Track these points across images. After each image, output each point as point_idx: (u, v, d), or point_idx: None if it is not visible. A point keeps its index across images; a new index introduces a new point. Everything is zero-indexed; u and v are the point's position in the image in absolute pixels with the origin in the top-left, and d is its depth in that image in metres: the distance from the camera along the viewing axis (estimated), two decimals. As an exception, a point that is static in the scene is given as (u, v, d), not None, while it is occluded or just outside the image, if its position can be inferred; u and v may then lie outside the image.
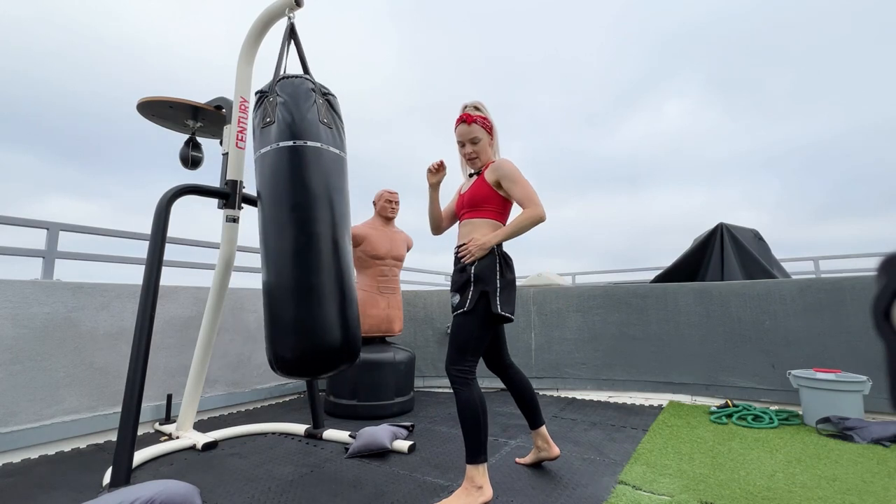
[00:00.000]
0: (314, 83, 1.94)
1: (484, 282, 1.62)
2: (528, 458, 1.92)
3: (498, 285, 1.63)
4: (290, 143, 1.80)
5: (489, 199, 1.74)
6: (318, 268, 1.77)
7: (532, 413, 1.85)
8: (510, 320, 1.67)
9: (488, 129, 1.79)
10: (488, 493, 1.53)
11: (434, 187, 1.88)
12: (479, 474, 1.53)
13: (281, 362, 1.75)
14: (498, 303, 1.61)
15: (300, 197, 1.79)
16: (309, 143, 1.82)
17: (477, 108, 1.80)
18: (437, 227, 1.96)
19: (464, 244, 1.71)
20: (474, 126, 1.77)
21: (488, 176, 1.75)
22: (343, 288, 1.82)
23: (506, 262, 1.69)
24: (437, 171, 1.86)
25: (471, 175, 1.88)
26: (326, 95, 1.98)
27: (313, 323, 1.73)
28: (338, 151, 1.93)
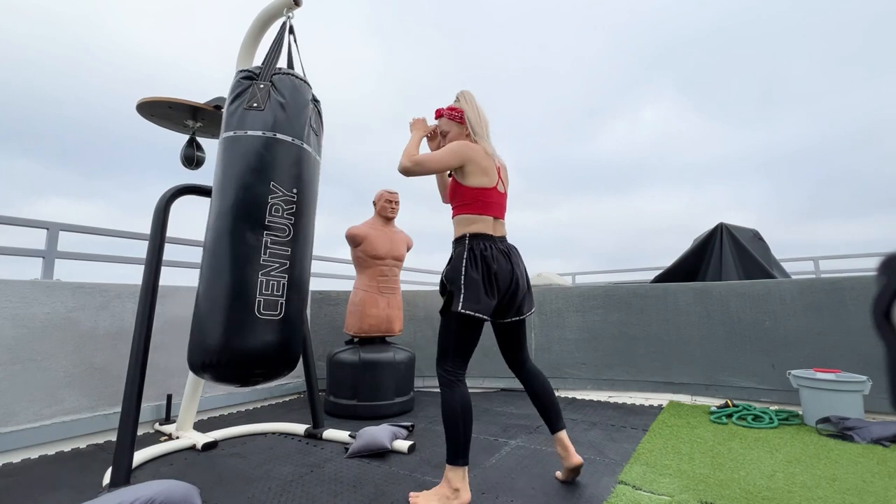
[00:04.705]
0: (310, 86, 1.96)
1: (450, 282, 1.59)
2: (560, 474, 1.75)
3: (462, 283, 1.55)
4: (289, 138, 1.79)
5: (454, 192, 1.72)
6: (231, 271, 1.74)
7: (548, 416, 1.73)
8: (477, 320, 1.54)
9: (456, 119, 1.76)
10: (465, 496, 1.49)
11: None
12: (457, 477, 1.50)
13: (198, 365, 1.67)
14: (461, 300, 1.52)
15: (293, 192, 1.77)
16: (305, 146, 1.84)
17: (457, 100, 1.80)
18: (443, 196, 1.93)
19: None
20: (442, 120, 1.82)
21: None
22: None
23: (473, 258, 1.58)
24: (433, 137, 1.90)
25: None
26: (315, 102, 2.00)
27: (218, 327, 1.63)
28: (319, 158, 1.98)
